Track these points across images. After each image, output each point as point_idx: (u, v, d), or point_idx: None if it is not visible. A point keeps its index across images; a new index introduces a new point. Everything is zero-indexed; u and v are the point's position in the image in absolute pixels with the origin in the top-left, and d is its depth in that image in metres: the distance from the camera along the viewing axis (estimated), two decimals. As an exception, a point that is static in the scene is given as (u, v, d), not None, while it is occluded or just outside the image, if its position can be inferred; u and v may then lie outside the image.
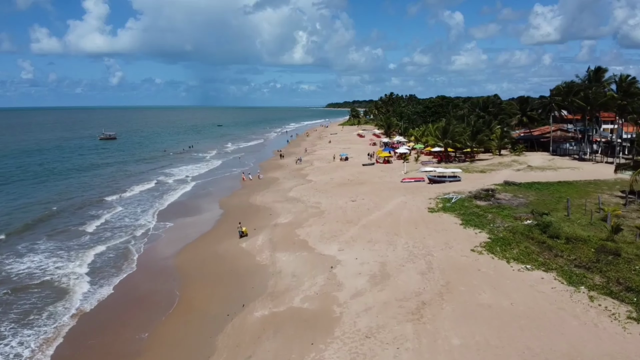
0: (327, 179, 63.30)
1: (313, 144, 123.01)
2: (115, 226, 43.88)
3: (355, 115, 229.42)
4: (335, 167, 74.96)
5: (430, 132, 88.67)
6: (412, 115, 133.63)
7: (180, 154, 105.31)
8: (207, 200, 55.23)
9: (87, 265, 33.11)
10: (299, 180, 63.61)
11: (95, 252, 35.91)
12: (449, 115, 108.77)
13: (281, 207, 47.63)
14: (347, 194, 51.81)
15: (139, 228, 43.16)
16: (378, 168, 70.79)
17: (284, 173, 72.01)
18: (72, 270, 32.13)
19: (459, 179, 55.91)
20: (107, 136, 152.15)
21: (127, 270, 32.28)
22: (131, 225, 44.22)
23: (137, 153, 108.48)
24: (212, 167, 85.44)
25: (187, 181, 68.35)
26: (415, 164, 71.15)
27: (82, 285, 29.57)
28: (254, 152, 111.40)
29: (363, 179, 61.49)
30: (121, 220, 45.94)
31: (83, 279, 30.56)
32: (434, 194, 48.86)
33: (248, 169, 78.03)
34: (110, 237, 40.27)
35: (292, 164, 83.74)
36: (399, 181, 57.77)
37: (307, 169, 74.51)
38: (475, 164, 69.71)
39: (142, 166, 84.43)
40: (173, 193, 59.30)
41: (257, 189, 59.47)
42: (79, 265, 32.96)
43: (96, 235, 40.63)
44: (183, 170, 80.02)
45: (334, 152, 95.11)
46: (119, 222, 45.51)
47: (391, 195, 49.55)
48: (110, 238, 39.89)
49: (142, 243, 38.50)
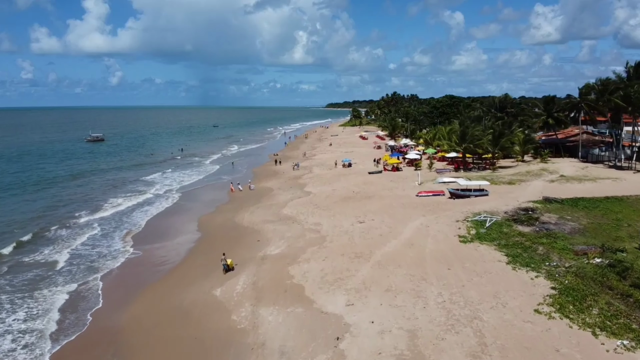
0: (329, 190, 54.25)
1: (312, 147, 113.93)
2: (81, 257, 34.83)
3: (356, 115, 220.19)
4: (337, 175, 65.91)
5: (442, 134, 79.68)
6: (418, 115, 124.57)
7: (169, 159, 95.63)
8: (186, 218, 46.15)
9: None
10: (296, 192, 54.56)
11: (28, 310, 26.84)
12: (461, 116, 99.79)
13: (272, 230, 38.59)
14: (352, 211, 42.80)
15: (103, 261, 34.11)
16: (386, 177, 61.75)
17: (279, 182, 62.93)
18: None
19: (486, 193, 46.88)
20: (94, 138, 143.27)
21: (61, 340, 23.06)
22: (96, 258, 35.09)
23: (122, 157, 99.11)
24: (200, 174, 76.31)
25: (171, 192, 59.00)
26: (429, 172, 62.11)
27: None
28: (247, 156, 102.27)
29: (370, 191, 52.42)
30: (87, 252, 36.74)
31: None
32: (460, 214, 39.82)
33: (239, 178, 68.95)
34: (66, 279, 30.94)
35: (289, 170, 74.71)
36: (414, 195, 48.72)
37: (305, 177, 65.45)
38: (499, 172, 60.65)
39: (125, 174, 74.99)
40: (152, 209, 50.12)
41: (246, 203, 50.44)
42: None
43: (48, 279, 31.36)
44: (168, 178, 70.84)
45: (335, 157, 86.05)
46: (86, 252, 36.42)
47: (407, 214, 40.50)
48: (67, 280, 30.69)
49: (97, 288, 29.30)
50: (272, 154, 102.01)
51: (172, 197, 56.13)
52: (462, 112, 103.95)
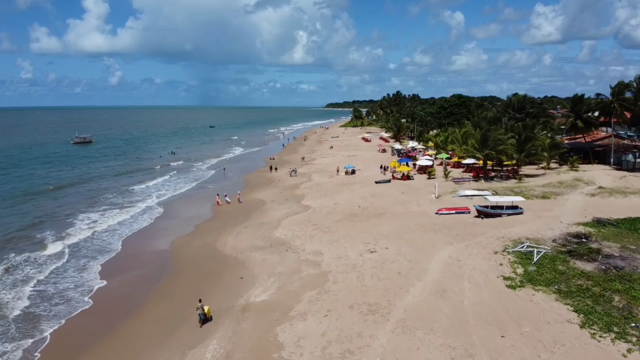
0: (330, 204, 46.30)
1: (312, 150, 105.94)
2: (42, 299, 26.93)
3: (358, 116, 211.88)
4: (339, 184, 57.93)
5: (456, 138, 71.71)
6: (425, 116, 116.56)
7: (158, 164, 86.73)
8: (162, 242, 38.22)
9: None
10: (292, 206, 46.62)
11: None
12: (473, 117, 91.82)
13: (260, 262, 30.65)
14: (360, 234, 34.87)
15: (56, 309, 26.22)
16: (396, 187, 53.78)
17: (274, 193, 54.94)
18: None
19: (521, 212, 38.94)
20: (82, 140, 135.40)
21: None
22: (56, 301, 27.25)
23: (108, 162, 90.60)
24: (189, 181, 68.25)
25: (151, 208, 50.66)
26: (445, 182, 54.15)
27: None
28: (241, 161, 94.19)
29: (380, 205, 44.47)
30: (51, 290, 28.86)
31: None
32: (496, 241, 31.92)
33: (228, 187, 61.01)
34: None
35: (286, 177, 66.77)
36: (432, 211, 40.78)
37: (303, 187, 57.49)
38: (526, 182, 52.68)
39: (107, 182, 66.30)
40: (127, 229, 41.99)
41: (232, 220, 42.52)
42: None
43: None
44: (152, 188, 62.19)
45: (336, 162, 78.14)
46: (48, 290, 28.53)
47: (429, 240, 32.57)
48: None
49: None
50: (268, 157, 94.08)
51: (152, 213, 48.05)
52: (473, 112, 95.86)
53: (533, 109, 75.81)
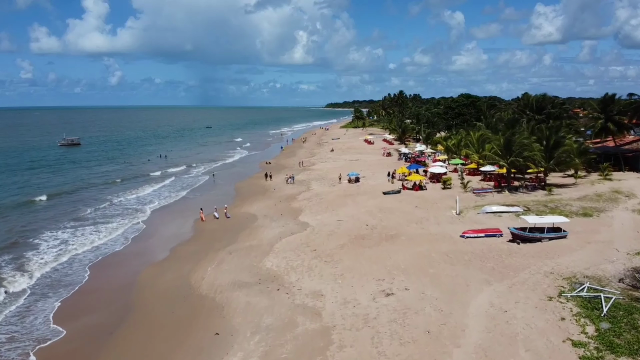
0: (332, 222, 39.45)
1: (311, 153, 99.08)
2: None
3: (359, 116, 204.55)
4: (342, 194, 51.09)
5: (471, 142, 64.87)
6: (432, 117, 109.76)
7: (146, 171, 79.12)
8: (129, 271, 31.48)
9: None
10: (287, 224, 39.75)
11: None
12: (485, 118, 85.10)
13: (244, 307, 23.81)
14: (370, 266, 28.05)
15: None
16: (408, 199, 46.93)
17: (267, 205, 48.07)
18: None
19: (564, 235, 32.11)
20: (69, 142, 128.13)
21: None
22: None
23: (92, 167, 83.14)
24: (176, 189, 61.22)
25: (131, 222, 43.64)
26: (464, 193, 47.30)
27: None
28: (234, 166, 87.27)
29: (391, 224, 37.61)
30: None
31: None
32: (544, 277, 25.13)
33: (215, 197, 54.23)
34: None
35: (282, 185, 59.97)
36: (455, 232, 33.94)
37: (301, 198, 50.65)
38: (558, 194, 45.80)
39: (86, 193, 58.33)
40: (98, 253, 35.23)
41: (216, 242, 35.69)
42: None
43: None
44: (134, 199, 53.94)
45: (338, 168, 71.35)
46: None
47: (458, 276, 25.73)
48: None
49: None
50: (264, 161, 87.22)
51: (129, 231, 41.10)
52: (485, 113, 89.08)
53: (555, 109, 69.07)
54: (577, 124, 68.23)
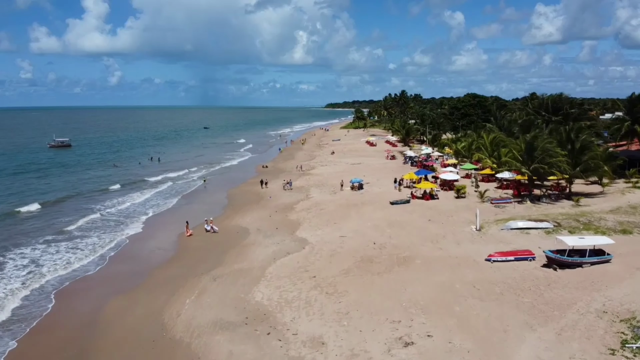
0: (334, 238, 34.56)
1: (310, 156, 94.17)
2: None
3: (360, 117, 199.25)
4: (345, 204, 46.20)
5: (483, 145, 60.02)
6: (437, 118, 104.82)
7: (136, 176, 73.81)
8: (95, 301, 26.66)
9: None
10: (283, 241, 34.86)
11: None
12: (496, 119, 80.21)
13: (225, 358, 18.94)
14: (382, 302, 23.18)
15: None
16: (419, 210, 42.04)
17: (261, 217, 43.16)
18: None
19: (608, 259, 27.25)
20: (59, 143, 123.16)
21: None
22: None
23: (80, 172, 77.82)
24: (165, 198, 56.24)
25: (110, 239, 38.46)
26: (480, 203, 42.42)
27: None
28: (228, 171, 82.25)
29: (403, 242, 32.72)
30: None
31: None
32: (598, 318, 20.30)
33: (204, 207, 49.38)
34: None
35: (278, 191, 55.15)
36: (479, 254, 29.09)
37: (299, 208, 45.75)
38: (587, 206, 40.92)
39: (69, 203, 52.59)
40: (68, 276, 30.50)
41: (200, 264, 30.83)
42: None
43: None
44: (116, 212, 47.91)
45: (339, 172, 66.56)
46: None
47: (492, 316, 20.87)
48: None
49: None
50: (260, 164, 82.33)
51: (107, 249, 36.15)
52: (494, 114, 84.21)
53: (573, 109, 64.17)
54: (598, 125, 63.37)
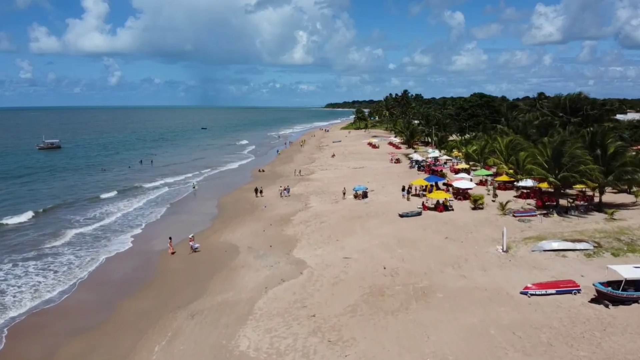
0: (337, 261, 29.62)
1: (310, 158, 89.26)
2: None
3: (361, 117, 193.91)
4: (348, 216, 41.27)
5: (498, 148, 55.13)
6: (444, 119, 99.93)
7: (123, 181, 68.23)
8: (46, 349, 21.76)
9: None
10: (277, 263, 29.93)
11: None
12: (507, 120, 75.33)
13: None
14: (400, 354, 18.27)
15: None
16: (432, 224, 37.10)
17: (254, 231, 38.20)
18: None
19: (673, 293, 22.34)
20: (48, 145, 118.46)
21: None
22: None
23: (67, 176, 72.39)
24: (154, 207, 51.01)
25: (80, 261, 33.44)
26: (503, 217, 37.52)
27: None
28: (222, 176, 77.14)
29: (419, 267, 27.77)
30: None
31: None
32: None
33: (190, 218, 44.51)
34: None
35: (274, 199, 50.35)
36: (511, 285, 24.17)
37: (296, 221, 40.82)
38: (623, 220, 35.98)
39: (44, 217, 46.17)
40: (15, 313, 25.93)
41: (176, 295, 25.93)
42: None
43: None
44: (95, 229, 41.86)
45: (340, 177, 61.75)
46: None
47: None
48: None
49: None
50: (256, 168, 77.38)
51: (74, 274, 31.13)
52: (505, 114, 79.31)
53: (594, 110, 59.27)
54: (621, 127, 58.56)
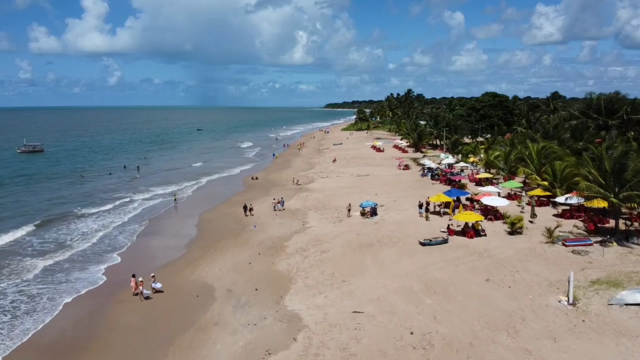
0: (345, 319, 21.77)
1: (309, 163, 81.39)
2: None
3: (363, 118, 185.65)
4: (355, 242, 33.40)
5: (529, 155, 47.28)
6: (455, 120, 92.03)
7: (100, 191, 60.13)
8: None
9: None
10: (262, 322, 22.06)
11: None
12: (529, 122, 67.51)
13: None
14: None
15: None
16: (464, 257, 29.28)
17: (235, 265, 30.30)
18: None
19: None
20: (30, 148, 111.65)
21: None
22: None
23: (43, 184, 63.91)
24: (131, 223, 43.60)
25: (23, 299, 26.30)
26: (553, 248, 29.71)
27: None
28: (210, 185, 69.05)
29: (459, 335, 19.95)
30: None
31: None
32: None
33: (164, 241, 36.73)
34: None
35: (266, 216, 42.63)
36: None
37: (291, 248, 32.91)
38: None
39: (7, 240, 38.18)
40: None
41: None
42: None
43: None
44: (60, 248, 36.22)
45: (344, 188, 54.04)
46: None
47: None
48: None
49: None
50: (249, 176, 69.45)
51: (14, 331, 23.62)
52: (527, 116, 71.50)
53: (634, 113, 51.40)
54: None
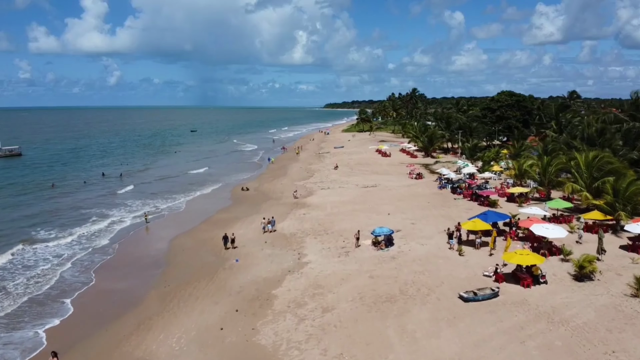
0: None
1: (308, 171, 72.42)
2: None
3: (365, 119, 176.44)
4: (368, 297, 24.56)
5: (577, 167, 38.34)
6: (469, 122, 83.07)
7: (72, 205, 51.09)
8: None
9: None
10: None
11: None
12: (560, 125, 58.68)
13: None
14: None
15: None
16: (523, 321, 20.47)
17: (202, 330, 21.44)
18: None
19: None
20: (7, 152, 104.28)
21: None
22: None
23: (11, 197, 55.84)
24: (96, 252, 35.21)
25: None
26: (635, 299, 20.96)
27: None
28: (199, 200, 60.13)
29: None
30: None
31: None
32: None
33: (120, 282, 27.92)
34: None
35: (253, 243, 33.79)
36: None
37: (280, 301, 24.06)
38: None
39: None
40: None
41: None
42: None
43: None
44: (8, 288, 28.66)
45: (348, 202, 45.28)
46: None
47: None
48: None
49: None
50: (239, 186, 60.50)
51: None
52: (558, 118, 62.64)
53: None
54: None
